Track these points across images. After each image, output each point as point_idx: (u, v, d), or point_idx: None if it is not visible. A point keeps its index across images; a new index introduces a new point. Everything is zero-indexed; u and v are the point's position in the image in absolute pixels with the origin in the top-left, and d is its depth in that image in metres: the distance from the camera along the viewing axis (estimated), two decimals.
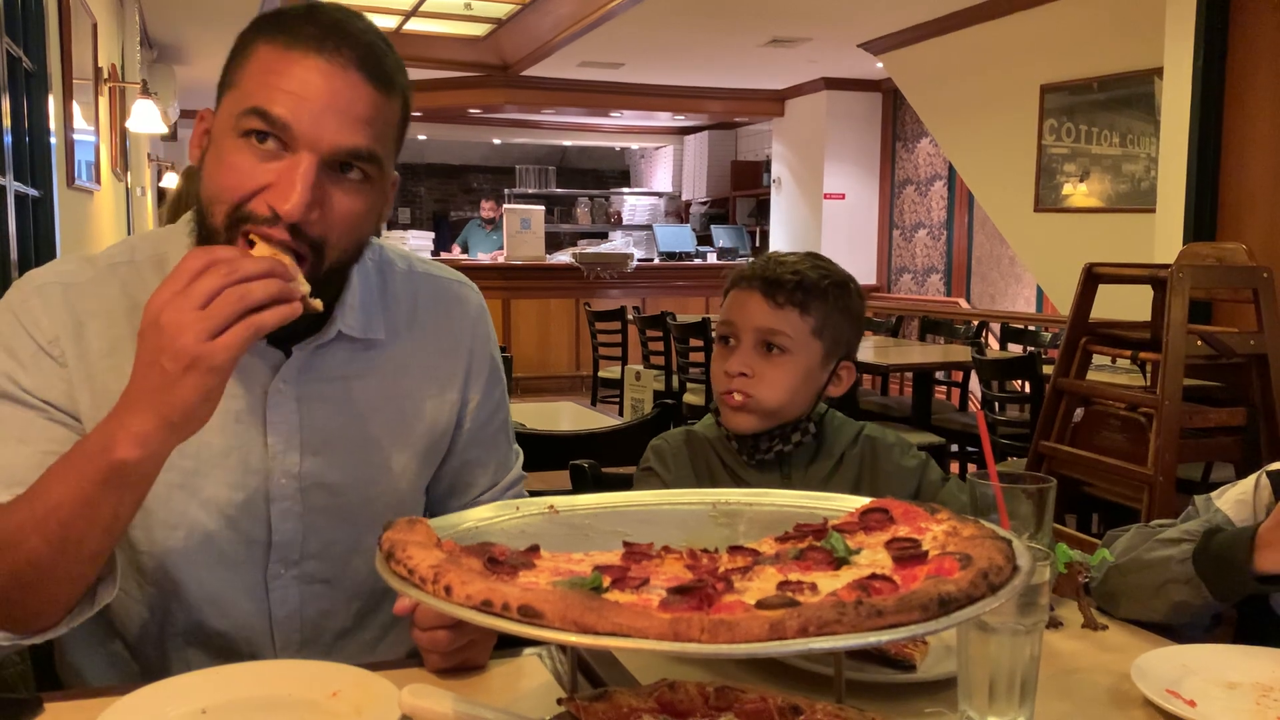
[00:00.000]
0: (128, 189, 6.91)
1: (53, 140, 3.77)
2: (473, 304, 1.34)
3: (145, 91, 5.89)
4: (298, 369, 1.17)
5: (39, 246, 3.67)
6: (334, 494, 1.20)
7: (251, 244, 1.03)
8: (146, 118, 5.71)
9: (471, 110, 10.43)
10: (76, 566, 1.03)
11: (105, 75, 5.52)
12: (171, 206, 3.70)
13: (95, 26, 5.02)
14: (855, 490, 1.38)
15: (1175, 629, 1.32)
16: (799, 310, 1.44)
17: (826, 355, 1.47)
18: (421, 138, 12.05)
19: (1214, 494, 1.41)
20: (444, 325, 1.29)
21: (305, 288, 0.99)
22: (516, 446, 1.42)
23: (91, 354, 1.14)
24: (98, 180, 5.09)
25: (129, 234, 6.79)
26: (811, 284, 1.44)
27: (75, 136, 4.29)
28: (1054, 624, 1.25)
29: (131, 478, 0.98)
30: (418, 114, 10.16)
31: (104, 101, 5.50)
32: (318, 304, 1.00)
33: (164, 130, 6.81)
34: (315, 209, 1.03)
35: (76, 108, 4.37)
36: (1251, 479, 1.37)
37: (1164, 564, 1.29)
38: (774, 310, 1.44)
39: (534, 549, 0.87)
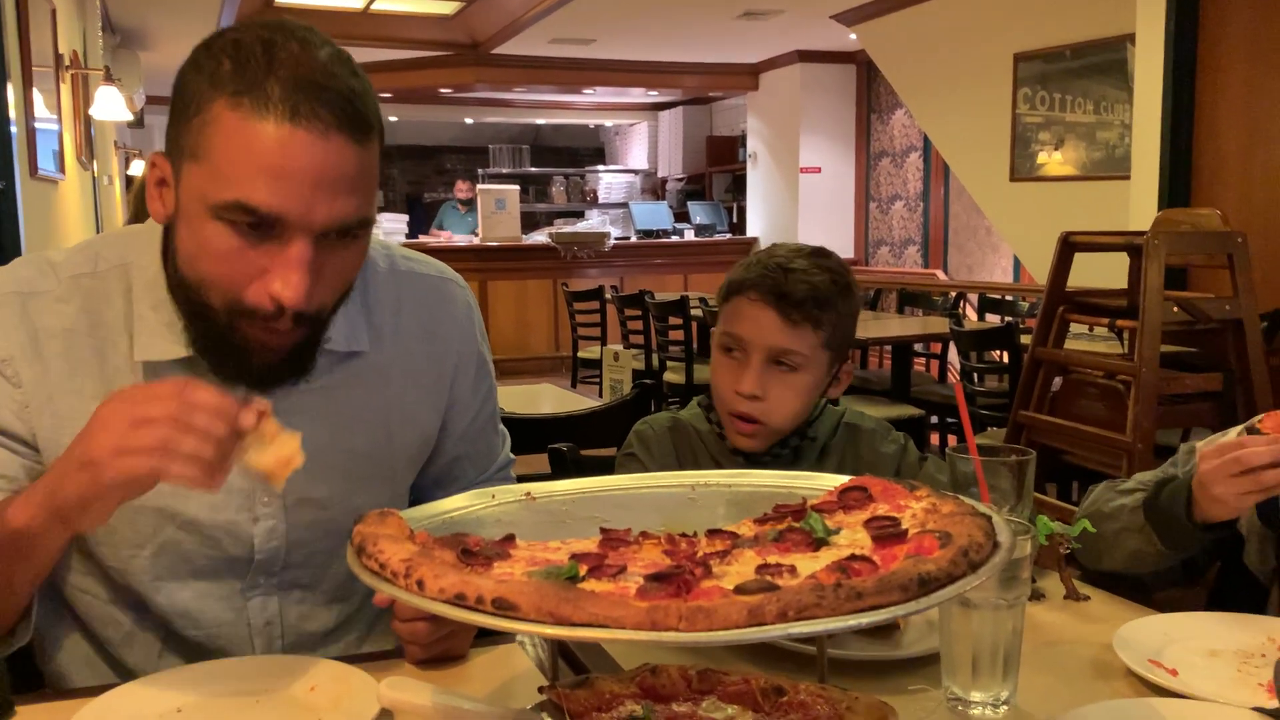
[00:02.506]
0: (94, 178, 6.80)
1: (13, 129, 3.70)
2: (460, 302, 1.29)
3: (108, 78, 5.78)
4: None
5: (2, 238, 3.60)
6: (320, 508, 1.17)
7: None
8: (110, 105, 5.61)
9: (442, 90, 10.33)
10: None
11: (66, 62, 5.42)
12: (137, 194, 3.65)
13: (54, 12, 4.92)
14: None
15: (1153, 588, 1.32)
16: (812, 325, 1.38)
17: (832, 361, 1.44)
18: (393, 119, 11.91)
19: (1200, 443, 1.40)
20: (430, 329, 1.25)
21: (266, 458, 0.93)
22: (503, 429, 1.40)
23: (52, 375, 1.10)
24: (62, 170, 5.00)
25: (97, 223, 6.69)
26: (824, 297, 1.39)
27: (37, 125, 4.21)
28: (1036, 596, 1.25)
29: (19, 545, 0.96)
30: (388, 95, 10.08)
31: (66, 89, 5.40)
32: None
33: (129, 117, 6.70)
34: (314, 284, 0.99)
35: (38, 96, 4.29)
36: (1235, 430, 1.35)
37: (1118, 513, 1.30)
38: (788, 328, 1.38)
39: (509, 538, 0.86)
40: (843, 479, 0.99)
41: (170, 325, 1.09)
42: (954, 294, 6.43)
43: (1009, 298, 5.85)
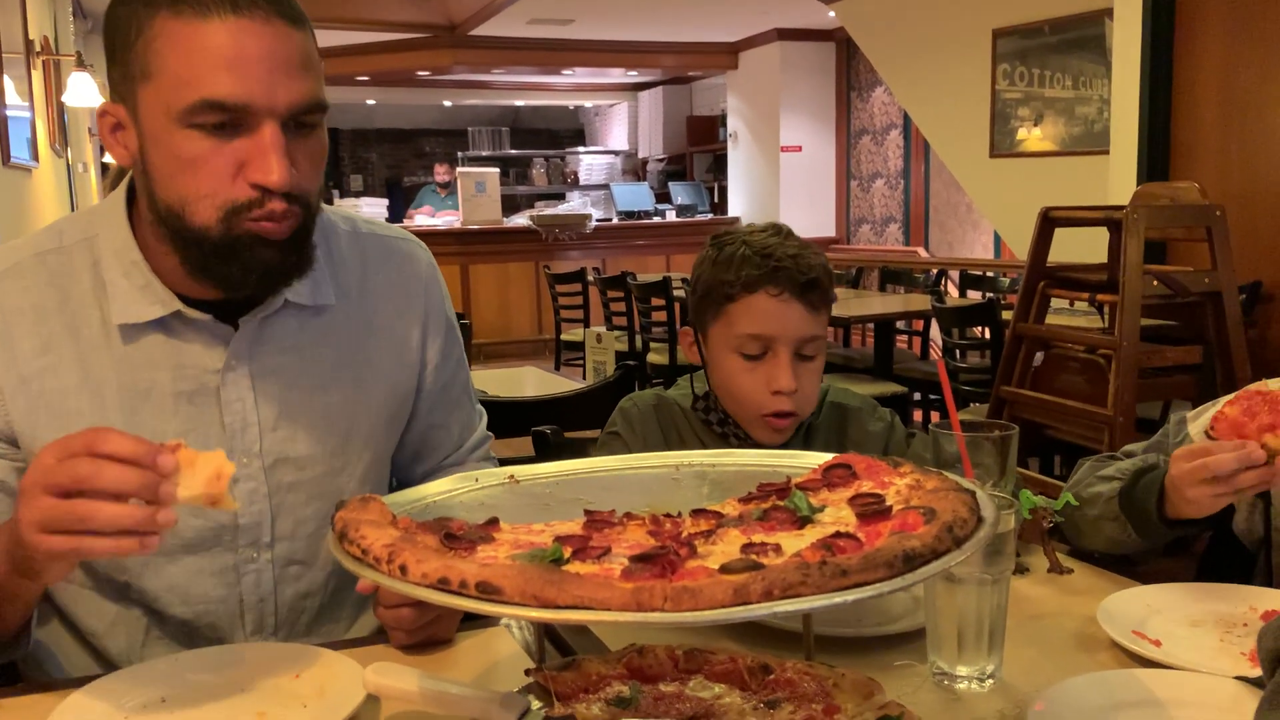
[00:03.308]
0: (69, 165, 6.72)
1: None
2: (423, 261, 1.31)
3: (81, 64, 5.70)
4: (248, 342, 1.14)
5: None
6: (299, 468, 1.17)
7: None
8: (84, 91, 5.53)
9: (420, 72, 10.23)
10: None
11: (37, 48, 5.34)
12: (113, 179, 3.61)
13: None
14: None
15: (1139, 560, 1.33)
16: (826, 307, 1.40)
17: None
18: (370, 102, 11.81)
19: (1190, 414, 1.40)
20: (396, 286, 1.27)
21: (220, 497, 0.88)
22: (479, 406, 1.41)
23: (22, 355, 1.10)
24: (36, 158, 4.94)
25: (73, 210, 6.61)
26: (827, 273, 1.39)
27: (8, 113, 4.16)
28: (1020, 570, 1.26)
29: None
30: (364, 78, 9.99)
31: (38, 76, 5.32)
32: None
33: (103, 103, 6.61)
34: (292, 167, 1.02)
35: (9, 82, 4.23)
36: (1223, 401, 1.35)
37: (1095, 500, 1.30)
38: (811, 316, 1.38)
39: (493, 522, 0.86)
40: (826, 457, 0.99)
41: (144, 288, 1.10)
42: (935, 271, 6.44)
43: (990, 274, 5.87)
